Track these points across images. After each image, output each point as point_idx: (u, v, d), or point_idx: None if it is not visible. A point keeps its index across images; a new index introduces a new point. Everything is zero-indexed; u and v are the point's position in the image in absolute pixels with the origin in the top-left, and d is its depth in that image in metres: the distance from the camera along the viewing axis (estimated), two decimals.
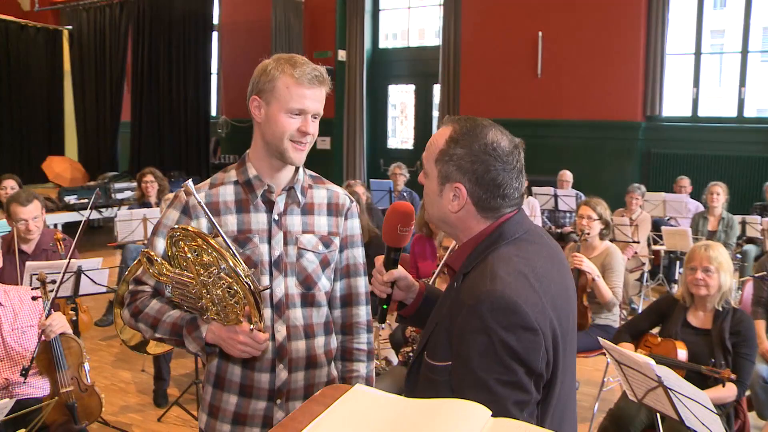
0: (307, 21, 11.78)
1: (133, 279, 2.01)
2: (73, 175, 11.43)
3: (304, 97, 1.87)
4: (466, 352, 1.40)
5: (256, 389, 1.94)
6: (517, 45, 10.04)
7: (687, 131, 9.48)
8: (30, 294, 3.49)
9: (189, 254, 1.76)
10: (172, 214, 1.95)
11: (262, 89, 1.89)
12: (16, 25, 12.62)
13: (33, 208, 4.42)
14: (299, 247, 1.97)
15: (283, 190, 1.97)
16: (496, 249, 1.51)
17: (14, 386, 3.29)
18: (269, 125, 1.89)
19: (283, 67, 1.87)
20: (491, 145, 1.53)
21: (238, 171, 1.98)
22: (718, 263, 3.37)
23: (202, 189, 1.97)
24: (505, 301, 1.38)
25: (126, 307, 1.97)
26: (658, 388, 2.75)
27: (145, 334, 1.95)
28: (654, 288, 7.49)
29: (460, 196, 1.54)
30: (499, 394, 1.36)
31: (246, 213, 1.94)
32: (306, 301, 1.98)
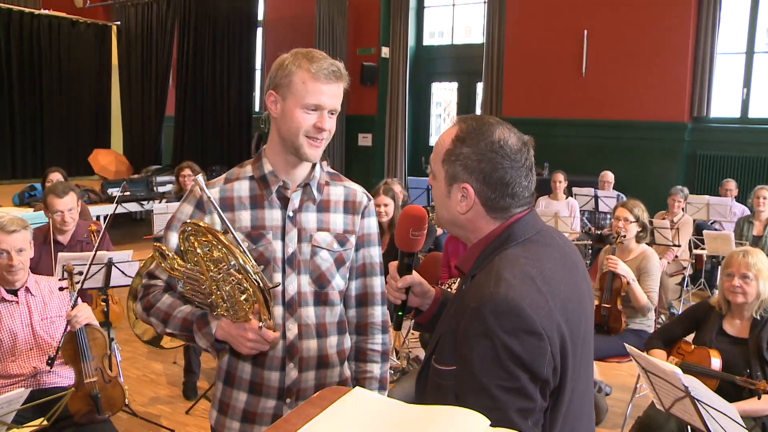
0: (351, 17, 11.80)
1: (147, 273, 2.00)
2: (118, 168, 11.67)
3: (321, 92, 1.83)
4: (468, 356, 1.36)
5: (266, 387, 1.92)
6: (561, 43, 9.89)
7: (735, 133, 9.22)
8: (59, 284, 3.54)
9: (199, 250, 1.74)
10: (186, 208, 1.93)
11: (279, 84, 1.86)
12: (68, 21, 12.96)
13: (69, 199, 4.49)
14: (313, 244, 1.94)
15: (298, 187, 1.94)
16: (504, 250, 1.47)
17: (42, 374, 3.35)
18: (285, 121, 1.86)
19: (300, 62, 1.84)
20: (498, 143, 1.49)
21: (254, 166, 1.96)
22: (756, 270, 3.25)
23: (217, 184, 1.94)
24: (509, 304, 1.33)
25: (138, 301, 1.97)
26: (686, 399, 2.66)
27: (157, 329, 1.94)
28: (695, 293, 7.29)
29: (468, 197, 1.50)
30: (501, 401, 1.32)
31: (260, 209, 1.92)
32: (319, 299, 1.95)
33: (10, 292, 3.37)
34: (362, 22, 11.91)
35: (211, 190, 1.89)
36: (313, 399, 1.17)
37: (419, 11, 11.99)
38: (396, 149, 11.80)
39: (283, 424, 1.10)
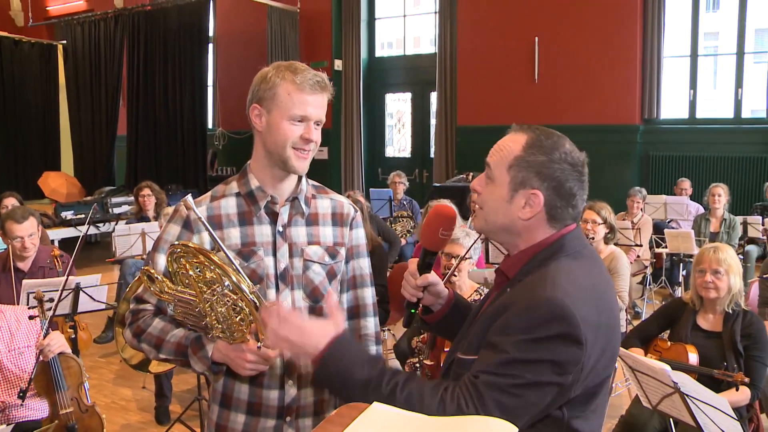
0: (303, 31, 11.77)
1: (134, 297, 1.95)
2: (70, 191, 11.41)
3: (306, 103, 1.82)
4: (502, 344, 1.38)
5: (265, 407, 1.88)
6: (513, 51, 10.02)
7: (685, 133, 9.47)
8: (27, 313, 3.42)
9: (191, 271, 1.71)
10: (173, 229, 1.89)
11: (263, 97, 1.84)
12: (10, 41, 12.64)
13: (29, 225, 4.36)
14: (305, 258, 1.92)
15: (286, 201, 1.93)
16: (557, 260, 1.49)
17: (11, 409, 3.23)
18: (271, 133, 1.84)
19: (284, 74, 1.83)
20: (570, 155, 1.53)
21: (239, 182, 1.93)
22: (727, 265, 3.34)
23: (203, 202, 1.91)
24: (563, 309, 1.37)
25: (128, 327, 1.91)
26: (674, 395, 2.71)
27: (149, 355, 1.90)
28: (657, 291, 7.44)
29: (535, 204, 1.51)
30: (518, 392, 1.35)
31: (249, 225, 1.89)
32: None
33: None
34: (314, 36, 11.89)
35: (197, 209, 1.86)
36: (332, 417, 1.15)
37: (370, 23, 12.03)
38: (353, 161, 11.79)
39: None
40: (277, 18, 11.33)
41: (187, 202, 1.83)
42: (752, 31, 9.34)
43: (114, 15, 12.54)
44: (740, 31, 9.24)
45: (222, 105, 12.66)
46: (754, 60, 9.66)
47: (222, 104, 12.66)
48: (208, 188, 5.03)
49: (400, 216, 7.75)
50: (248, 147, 1.97)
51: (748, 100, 9.34)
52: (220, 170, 12.54)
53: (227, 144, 12.35)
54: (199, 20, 11.65)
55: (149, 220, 6.79)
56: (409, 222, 7.66)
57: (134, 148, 12.47)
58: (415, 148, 11.98)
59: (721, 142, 9.13)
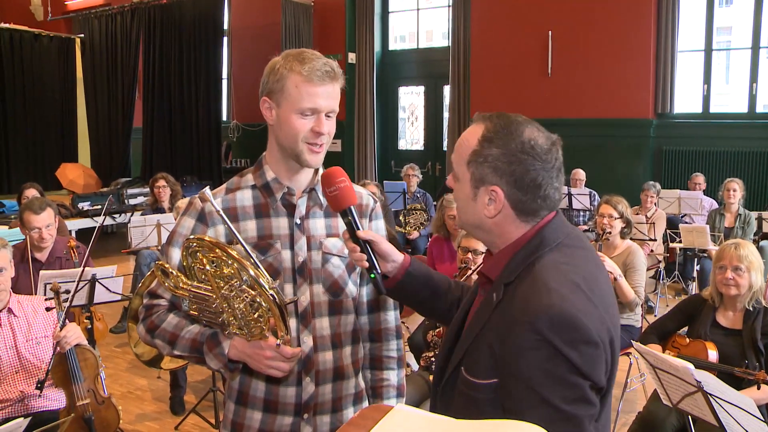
0: (317, 24, 11.79)
1: (147, 292, 1.90)
2: (86, 182, 11.50)
3: (316, 95, 1.74)
4: (524, 371, 1.31)
5: (282, 404, 1.84)
6: (527, 44, 10.00)
7: (698, 128, 9.41)
8: (44, 304, 3.46)
9: (208, 266, 1.66)
10: (187, 222, 1.84)
11: (272, 90, 1.78)
12: (30, 35, 12.74)
13: (46, 216, 4.42)
14: (324, 251, 1.86)
15: (303, 192, 1.86)
16: (541, 257, 1.41)
17: (30, 399, 3.26)
18: (281, 127, 1.78)
19: (291, 65, 1.75)
20: (529, 143, 1.42)
21: (255, 174, 1.88)
22: (748, 262, 3.30)
23: (219, 194, 1.85)
24: (564, 316, 1.29)
25: (141, 323, 1.87)
26: (697, 393, 2.65)
27: (162, 351, 1.84)
28: (670, 285, 7.43)
29: (497, 200, 1.43)
30: (570, 412, 1.30)
31: (266, 218, 1.83)
32: (334, 308, 1.88)
33: None
34: (328, 29, 11.90)
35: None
36: (355, 420, 1.12)
37: (384, 16, 12.02)
38: (366, 154, 11.81)
39: None
40: (291, 11, 11.35)
41: (204, 195, 1.77)
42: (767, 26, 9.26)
43: (131, 9, 12.61)
44: (755, 26, 9.16)
45: (236, 97, 12.71)
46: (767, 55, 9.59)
47: (236, 96, 12.71)
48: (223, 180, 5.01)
49: (413, 209, 7.77)
50: (262, 139, 1.93)
51: (763, 95, 9.27)
52: (235, 162, 12.60)
53: (241, 136, 12.41)
54: (214, 13, 11.71)
55: (164, 211, 6.85)
56: (422, 215, 7.67)
57: (150, 140, 12.56)
58: (428, 141, 11.98)
59: (734, 137, 9.07)
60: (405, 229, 7.51)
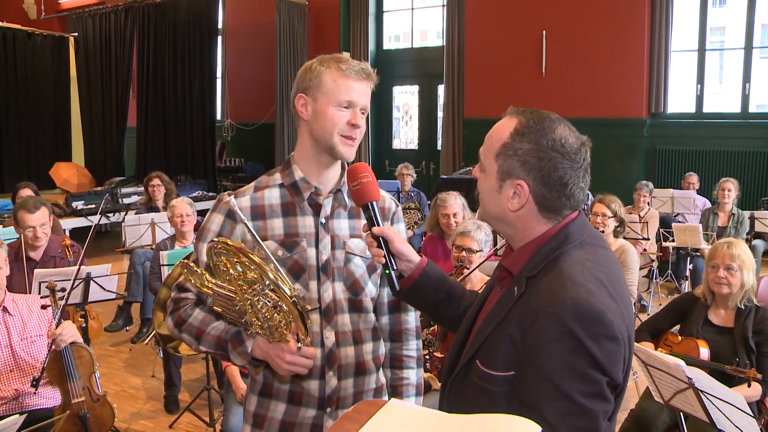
0: (311, 23, 11.79)
1: (176, 285, 1.95)
2: (80, 181, 11.49)
3: (353, 89, 1.83)
4: (546, 363, 1.31)
5: (306, 397, 1.88)
6: (521, 44, 10.03)
7: (692, 128, 9.46)
8: (39, 302, 3.46)
9: (232, 270, 1.70)
10: (217, 218, 1.89)
11: (308, 86, 1.86)
12: (23, 33, 12.72)
13: (41, 214, 4.42)
14: (347, 251, 1.91)
15: (330, 193, 1.92)
16: (566, 252, 1.42)
17: (25, 397, 3.27)
18: (318, 121, 1.84)
19: (329, 63, 1.85)
20: (560, 141, 1.42)
21: (283, 174, 1.93)
22: (740, 261, 3.31)
23: (247, 192, 1.91)
24: (591, 309, 1.30)
25: (169, 315, 1.93)
26: (688, 390, 2.68)
27: (191, 346, 1.91)
28: (663, 284, 7.46)
29: (521, 194, 1.43)
30: (587, 406, 1.30)
31: (293, 216, 1.88)
32: (353, 306, 1.93)
33: None
34: (322, 28, 11.92)
35: (241, 199, 1.88)
36: (350, 414, 1.12)
37: (378, 16, 12.04)
38: (360, 153, 11.82)
39: None
40: (285, 10, 11.35)
41: (230, 204, 1.81)
42: (759, 26, 9.32)
43: (125, 7, 12.60)
44: (748, 26, 9.21)
45: (231, 97, 12.71)
46: (761, 55, 9.64)
47: (231, 96, 12.71)
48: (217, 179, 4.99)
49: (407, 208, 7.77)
50: (256, 138, 1.96)
51: (756, 95, 9.33)
52: (229, 161, 12.60)
53: (236, 135, 12.41)
54: (208, 12, 11.71)
55: (159, 210, 6.85)
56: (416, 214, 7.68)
57: (144, 139, 12.55)
58: (422, 140, 12.00)
59: (727, 136, 9.13)
60: None
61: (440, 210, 4.86)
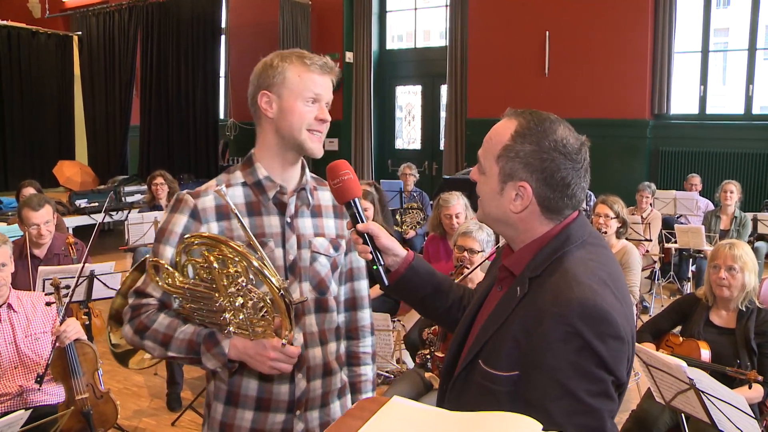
0: (314, 23, 11.81)
1: (134, 291, 1.85)
2: (84, 179, 11.52)
3: (318, 83, 1.81)
4: (552, 363, 1.31)
5: (275, 402, 1.85)
6: (524, 44, 10.04)
7: (695, 129, 9.46)
8: (43, 300, 3.48)
9: (215, 264, 1.65)
10: (180, 219, 1.81)
11: (271, 83, 1.81)
12: (27, 32, 12.74)
13: (45, 212, 4.43)
14: (312, 250, 1.89)
15: (293, 192, 1.89)
16: (569, 252, 1.42)
17: (29, 393, 3.28)
18: (285, 117, 1.81)
19: (291, 58, 1.81)
20: (561, 142, 1.42)
21: (244, 172, 1.88)
22: (742, 262, 3.30)
23: (209, 191, 1.84)
24: (597, 309, 1.31)
25: (128, 323, 1.82)
26: (689, 391, 2.68)
27: (153, 353, 1.81)
28: (665, 286, 7.46)
29: (524, 196, 1.43)
30: (593, 405, 1.31)
31: (258, 216, 1.84)
32: (319, 306, 1.91)
33: None
34: (326, 28, 11.93)
35: (204, 199, 1.82)
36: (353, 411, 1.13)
37: (382, 16, 12.05)
38: (362, 153, 11.84)
39: None
40: (288, 9, 11.37)
41: (220, 191, 1.75)
42: (763, 28, 9.31)
43: (128, 6, 12.63)
44: (752, 27, 9.22)
45: (234, 96, 12.72)
46: (765, 56, 9.64)
47: (234, 95, 12.72)
48: None
49: (410, 207, 7.79)
50: None
51: (759, 97, 9.33)
52: (232, 160, 12.61)
53: (239, 134, 12.42)
54: (212, 12, 11.74)
55: (162, 208, 6.86)
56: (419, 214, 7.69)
57: (147, 138, 12.58)
58: (425, 140, 12.01)
59: (731, 138, 9.13)
60: (401, 228, 7.52)
61: (443, 210, 4.87)
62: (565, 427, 1.27)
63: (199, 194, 1.84)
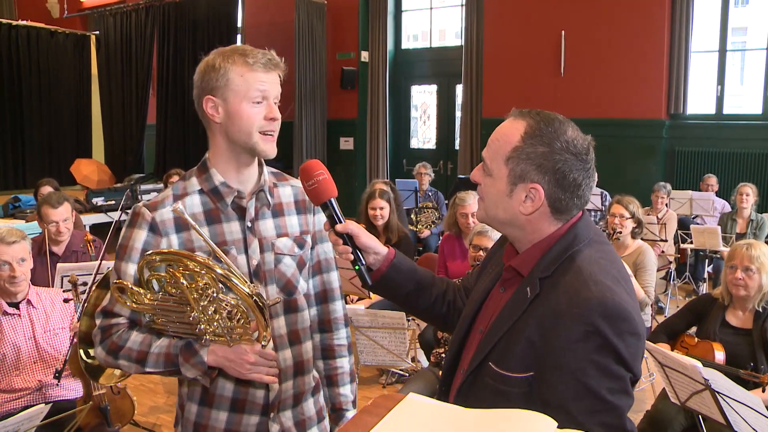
0: (330, 22, 11.82)
1: (101, 311, 1.82)
2: (100, 177, 11.60)
3: (263, 81, 1.76)
4: (573, 363, 1.31)
5: (250, 403, 1.84)
6: (539, 44, 10.00)
7: (711, 129, 9.38)
8: (61, 296, 3.53)
9: (182, 280, 1.63)
10: (139, 234, 1.77)
11: (215, 87, 1.76)
12: (46, 32, 12.85)
13: (63, 210, 4.49)
14: (276, 252, 1.87)
15: (251, 194, 1.86)
16: (579, 252, 1.42)
17: (48, 388, 3.33)
18: (233, 122, 1.76)
19: (233, 58, 1.76)
20: (572, 142, 1.42)
21: (200, 179, 1.84)
22: (759, 263, 3.29)
23: (167, 202, 1.80)
24: (617, 308, 1.31)
25: (99, 345, 1.79)
26: (705, 392, 2.67)
27: (128, 371, 1.80)
28: (680, 287, 7.43)
29: (536, 198, 1.42)
30: (615, 403, 1.31)
31: (218, 224, 1.81)
32: (289, 307, 1.90)
33: (11, 305, 3.36)
34: (341, 27, 11.94)
35: (162, 211, 1.78)
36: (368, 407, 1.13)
37: (397, 15, 12.05)
38: (378, 152, 11.84)
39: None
40: (304, 9, 11.39)
41: (177, 209, 1.69)
42: None
43: (145, 6, 12.69)
44: None
45: None
46: None
47: None
48: None
49: (425, 207, 7.80)
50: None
51: None
52: None
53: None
54: (228, 11, 11.79)
55: None
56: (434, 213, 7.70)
57: (163, 137, 12.64)
58: (440, 139, 12.00)
59: (748, 138, 9.03)
60: (416, 228, 7.54)
61: (459, 209, 4.88)
62: (587, 427, 1.27)
63: (156, 206, 1.80)
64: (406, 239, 5.05)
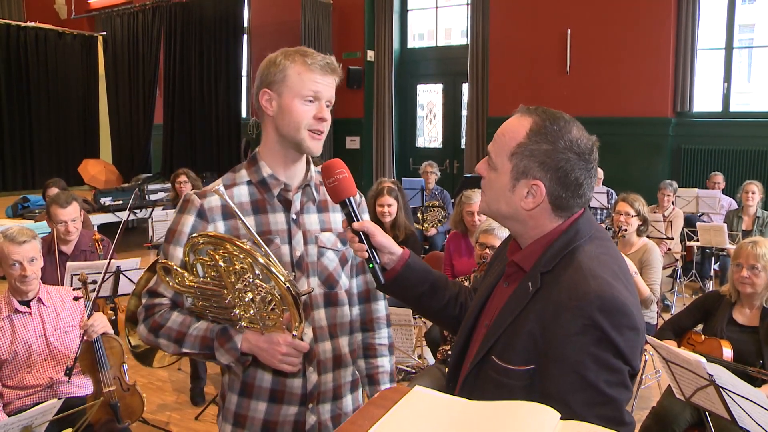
0: (336, 22, 11.85)
1: (147, 291, 1.89)
2: (108, 177, 11.67)
3: (318, 82, 1.82)
4: (572, 356, 1.33)
5: (288, 394, 1.87)
6: (545, 42, 10.00)
7: (718, 127, 9.36)
8: (71, 294, 3.56)
9: (221, 262, 1.68)
10: (187, 219, 1.84)
11: (272, 81, 1.84)
12: (54, 33, 12.96)
13: (72, 209, 4.53)
14: (319, 245, 1.92)
15: (298, 188, 1.91)
16: (580, 247, 1.44)
17: (58, 385, 3.37)
18: (283, 116, 1.84)
19: (293, 57, 1.83)
20: (576, 142, 1.44)
21: (249, 170, 1.91)
22: (765, 261, 3.29)
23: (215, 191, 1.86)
24: (615, 302, 1.33)
25: (142, 323, 1.87)
26: (709, 387, 2.68)
27: (167, 350, 1.85)
28: (687, 284, 7.42)
29: (537, 194, 1.45)
30: (612, 395, 1.33)
31: (264, 214, 1.87)
32: (329, 300, 1.93)
33: (22, 303, 3.40)
34: (347, 27, 11.96)
35: (210, 198, 1.85)
36: (375, 399, 1.14)
37: (403, 14, 12.06)
38: (384, 151, 11.86)
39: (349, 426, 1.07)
40: (310, 9, 11.42)
41: (218, 191, 1.78)
42: None
43: (152, 7, 12.77)
44: None
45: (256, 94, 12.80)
46: None
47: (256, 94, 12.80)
48: None
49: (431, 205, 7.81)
50: None
51: None
52: None
53: (260, 133, 12.48)
54: (234, 12, 11.84)
55: None
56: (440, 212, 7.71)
57: (170, 137, 12.71)
58: (446, 138, 12.01)
59: (754, 135, 9.01)
60: (423, 226, 7.55)
61: (465, 207, 4.89)
62: (587, 418, 1.26)
63: (206, 194, 1.86)
64: (413, 237, 5.07)
